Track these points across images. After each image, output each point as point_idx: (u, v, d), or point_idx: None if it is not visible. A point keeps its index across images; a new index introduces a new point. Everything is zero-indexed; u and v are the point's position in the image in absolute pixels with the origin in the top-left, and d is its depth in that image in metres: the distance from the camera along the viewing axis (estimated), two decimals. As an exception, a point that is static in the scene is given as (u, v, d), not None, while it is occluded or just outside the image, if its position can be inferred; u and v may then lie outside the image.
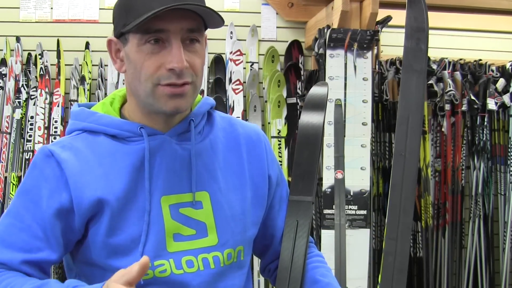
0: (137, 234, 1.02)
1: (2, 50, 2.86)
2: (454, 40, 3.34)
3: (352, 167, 2.43)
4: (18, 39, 2.84)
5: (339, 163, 2.41)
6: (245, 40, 3.01)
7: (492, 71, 3.12)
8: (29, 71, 2.81)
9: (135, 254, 1.01)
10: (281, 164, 2.83)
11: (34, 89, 2.78)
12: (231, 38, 2.99)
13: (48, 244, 1.01)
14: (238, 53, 2.95)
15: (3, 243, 1.00)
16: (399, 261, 1.05)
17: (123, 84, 2.06)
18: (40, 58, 2.82)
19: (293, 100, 2.94)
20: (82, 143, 1.06)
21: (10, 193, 2.65)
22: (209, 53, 2.97)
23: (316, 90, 1.27)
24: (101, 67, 2.86)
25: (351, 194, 2.44)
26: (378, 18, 2.53)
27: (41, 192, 1.01)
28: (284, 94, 2.92)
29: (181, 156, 1.07)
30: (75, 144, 1.05)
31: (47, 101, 2.76)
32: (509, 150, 3.07)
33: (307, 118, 1.22)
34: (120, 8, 1.02)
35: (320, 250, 2.47)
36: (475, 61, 3.12)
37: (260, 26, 3.05)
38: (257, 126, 1.24)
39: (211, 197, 1.08)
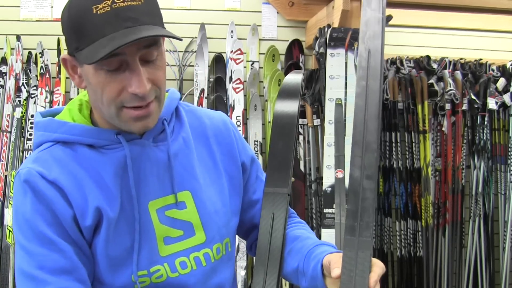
0: (129, 244, 1.00)
1: (2, 48, 2.86)
2: (454, 39, 3.34)
3: (353, 166, 2.42)
4: (18, 37, 2.84)
5: (340, 162, 2.41)
6: (245, 39, 3.01)
7: (493, 70, 3.12)
8: (30, 69, 2.81)
9: (129, 264, 1.00)
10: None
11: (35, 87, 2.78)
12: (232, 37, 2.99)
13: (85, 256, 0.98)
14: (239, 52, 2.95)
15: (53, 272, 0.95)
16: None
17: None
18: (40, 57, 2.82)
19: (293, 99, 2.94)
20: (61, 155, 1.01)
21: (10, 191, 2.65)
22: (209, 52, 2.97)
23: (290, 78, 1.23)
24: (102, 66, 2.86)
25: (352, 193, 2.44)
26: (379, 17, 2.52)
27: (55, 214, 0.96)
28: (285, 93, 2.91)
29: (161, 158, 1.05)
30: (57, 157, 1.00)
31: (48, 100, 2.76)
32: (510, 149, 3.07)
33: (282, 107, 1.18)
34: (69, 27, 0.94)
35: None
36: (475, 60, 3.12)
37: (260, 25, 3.05)
38: (222, 113, 1.23)
39: (193, 196, 1.08)
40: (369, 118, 0.99)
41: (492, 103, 3.02)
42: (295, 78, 1.23)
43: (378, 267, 0.96)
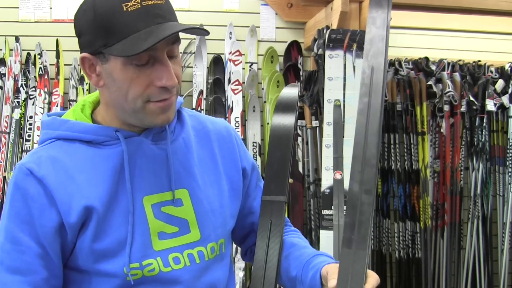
0: (122, 236, 1.02)
1: (1, 49, 2.86)
2: (453, 41, 3.34)
3: (351, 167, 2.42)
4: (17, 38, 2.84)
5: (338, 164, 2.41)
6: (244, 40, 3.01)
7: (491, 72, 3.12)
8: (28, 71, 2.81)
9: (123, 255, 1.02)
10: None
11: (33, 89, 2.78)
12: (230, 39, 2.99)
13: (51, 260, 1.01)
14: (237, 53, 2.95)
15: (9, 269, 0.99)
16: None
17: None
18: (39, 58, 2.82)
19: (292, 100, 2.93)
20: (58, 151, 1.04)
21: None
22: (208, 53, 2.97)
23: (286, 92, 1.29)
24: (100, 67, 2.86)
25: (350, 194, 2.44)
26: (377, 18, 2.53)
27: (31, 212, 0.99)
28: (283, 94, 2.91)
29: (159, 156, 1.08)
30: (51, 153, 1.03)
31: (46, 101, 2.76)
32: (508, 151, 3.07)
33: (279, 119, 1.25)
34: (95, 26, 0.96)
35: (319, 250, 2.48)
36: (474, 62, 3.13)
37: (259, 27, 3.06)
38: (225, 121, 1.29)
39: (190, 194, 1.10)
40: (370, 135, 1.02)
41: (490, 105, 3.02)
42: (291, 92, 1.28)
43: (373, 279, 0.99)
